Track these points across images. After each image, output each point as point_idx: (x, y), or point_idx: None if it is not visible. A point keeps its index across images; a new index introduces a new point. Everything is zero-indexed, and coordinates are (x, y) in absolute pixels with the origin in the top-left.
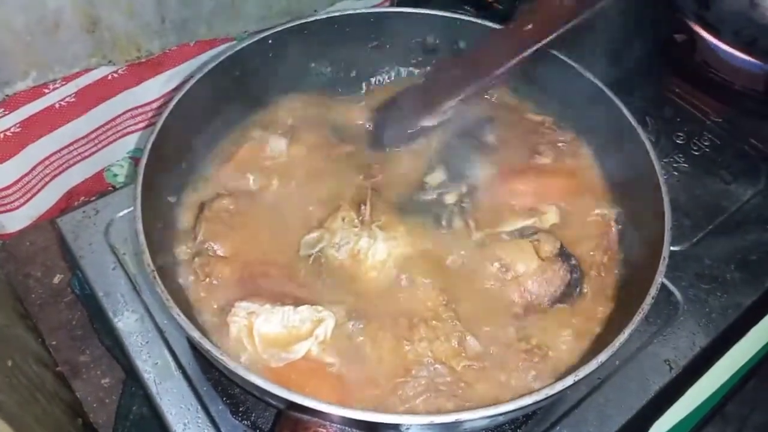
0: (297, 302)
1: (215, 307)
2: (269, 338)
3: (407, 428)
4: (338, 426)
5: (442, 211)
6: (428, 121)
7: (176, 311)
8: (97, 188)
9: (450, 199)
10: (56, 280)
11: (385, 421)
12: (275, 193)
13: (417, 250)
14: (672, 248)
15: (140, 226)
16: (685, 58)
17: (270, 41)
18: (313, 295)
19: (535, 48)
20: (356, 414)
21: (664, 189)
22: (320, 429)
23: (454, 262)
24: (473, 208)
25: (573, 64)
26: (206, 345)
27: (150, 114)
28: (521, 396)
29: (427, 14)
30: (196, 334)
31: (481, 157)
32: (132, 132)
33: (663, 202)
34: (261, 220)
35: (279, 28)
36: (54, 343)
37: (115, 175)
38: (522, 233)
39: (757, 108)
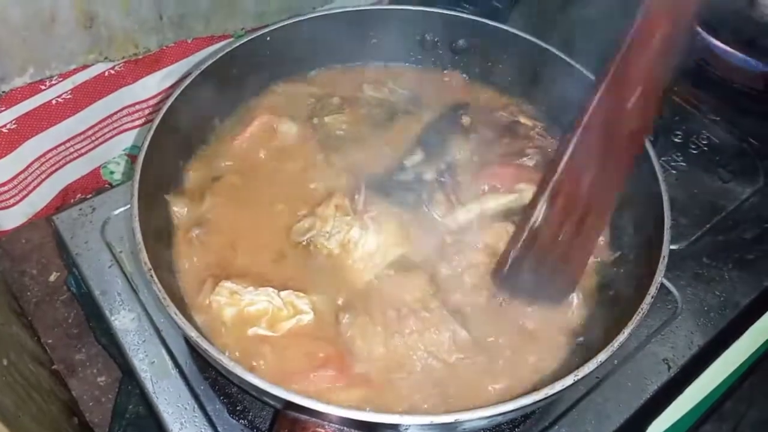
0: (282, 287)
1: (201, 284)
2: (250, 317)
3: (406, 428)
4: (336, 426)
5: (422, 187)
6: None
7: (173, 310)
8: (94, 185)
9: (428, 176)
10: (52, 277)
11: (384, 422)
12: (275, 176)
13: (405, 240)
14: (670, 246)
15: (137, 225)
16: (682, 56)
17: (268, 38)
18: (300, 282)
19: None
20: (355, 414)
21: (663, 187)
22: (318, 429)
23: (440, 251)
24: (452, 183)
25: (570, 60)
26: (203, 345)
27: (147, 111)
28: (520, 396)
29: (426, 11)
30: (193, 334)
31: (459, 140)
32: (129, 129)
33: (662, 200)
34: (260, 200)
35: (277, 26)
36: (50, 341)
37: (112, 173)
38: (506, 216)
39: (755, 107)
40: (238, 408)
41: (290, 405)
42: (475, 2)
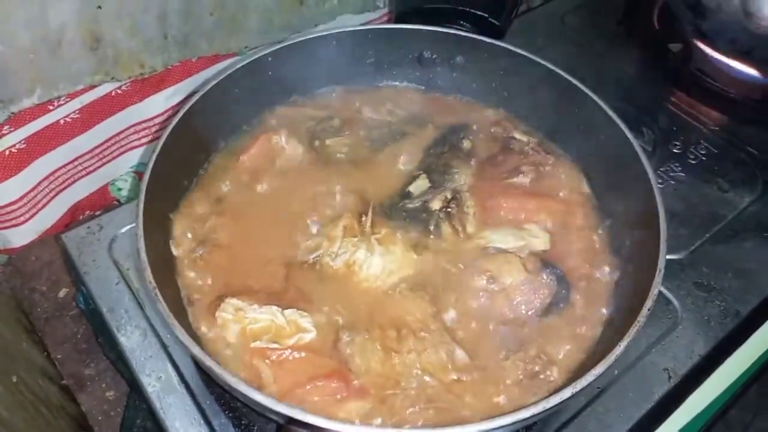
0: (286, 305)
1: (206, 301)
2: (253, 335)
3: None
4: None
5: (429, 217)
6: None
7: (178, 328)
8: (102, 202)
9: (435, 205)
10: (62, 294)
11: None
12: (277, 197)
13: (410, 264)
14: (669, 257)
15: (142, 244)
16: (680, 68)
17: (269, 58)
18: (304, 301)
19: None
20: (357, 430)
21: (659, 200)
22: None
23: (444, 275)
24: (459, 213)
25: (566, 76)
26: (207, 362)
27: (154, 129)
28: (519, 409)
29: (423, 30)
30: (197, 351)
31: (463, 167)
32: (136, 147)
33: (658, 214)
34: (265, 220)
35: (278, 46)
36: (59, 356)
37: (120, 189)
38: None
39: (754, 116)
40: (243, 422)
41: (292, 421)
42: (472, 20)
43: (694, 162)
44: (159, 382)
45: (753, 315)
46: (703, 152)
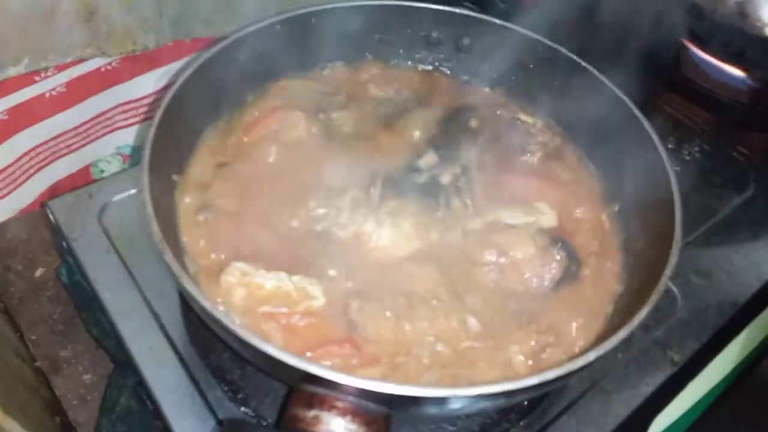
0: (293, 273)
1: (210, 267)
2: (261, 299)
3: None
4: (355, 399)
5: (438, 191)
6: None
7: (187, 281)
8: (82, 184)
9: (445, 179)
10: (38, 273)
11: (410, 395)
12: (284, 166)
13: (419, 237)
14: None
15: (148, 196)
16: (672, 70)
17: (278, 27)
18: (311, 269)
19: None
20: (382, 386)
21: (672, 177)
22: (337, 403)
23: (453, 249)
24: (469, 189)
25: (574, 58)
26: (217, 315)
27: (141, 110)
28: (544, 371)
29: (429, 9)
30: (208, 305)
31: (470, 145)
32: (122, 127)
33: (672, 189)
34: (272, 188)
35: (286, 15)
36: (34, 337)
37: (102, 171)
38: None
39: (743, 118)
40: (239, 396)
41: (308, 378)
42: (478, 2)
43: (688, 158)
44: (150, 353)
45: (749, 303)
46: (696, 149)
